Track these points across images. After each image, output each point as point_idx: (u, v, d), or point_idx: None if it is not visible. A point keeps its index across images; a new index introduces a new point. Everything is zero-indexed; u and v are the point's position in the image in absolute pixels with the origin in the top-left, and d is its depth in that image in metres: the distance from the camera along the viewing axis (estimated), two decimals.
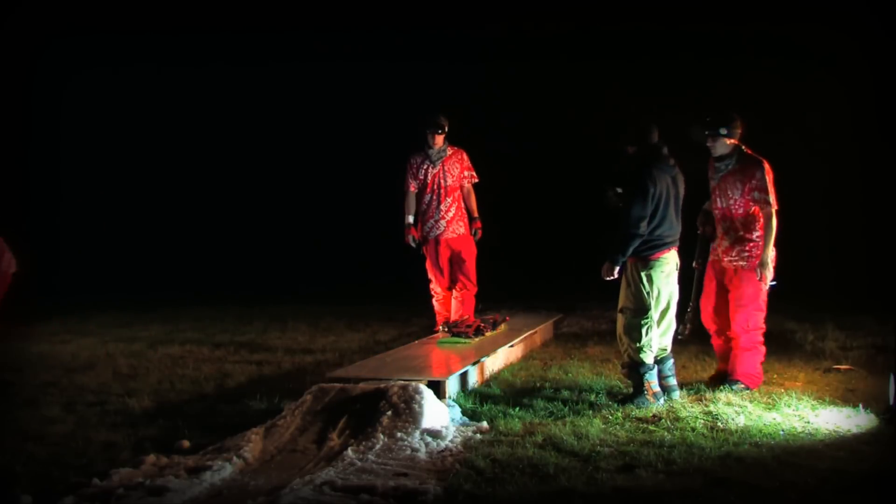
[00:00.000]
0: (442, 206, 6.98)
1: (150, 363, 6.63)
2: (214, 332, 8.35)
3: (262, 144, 14.13)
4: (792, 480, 3.44)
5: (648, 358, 4.85)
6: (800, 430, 4.23)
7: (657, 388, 4.84)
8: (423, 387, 4.54)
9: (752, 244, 5.13)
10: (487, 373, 5.75)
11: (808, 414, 4.52)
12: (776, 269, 5.16)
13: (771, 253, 5.08)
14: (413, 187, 7.06)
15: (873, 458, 3.75)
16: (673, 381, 4.99)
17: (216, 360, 6.74)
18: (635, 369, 4.85)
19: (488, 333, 6.42)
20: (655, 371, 4.88)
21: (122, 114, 13.70)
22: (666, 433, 4.19)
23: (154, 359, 6.83)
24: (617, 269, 4.82)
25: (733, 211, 5.17)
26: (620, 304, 4.95)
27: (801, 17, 9.85)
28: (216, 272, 12.77)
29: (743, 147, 5.20)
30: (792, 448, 3.91)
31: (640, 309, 4.84)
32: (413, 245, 7.11)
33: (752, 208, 5.12)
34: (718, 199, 5.24)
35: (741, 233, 5.16)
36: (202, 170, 13.81)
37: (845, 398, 4.86)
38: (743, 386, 5.11)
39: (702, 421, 4.41)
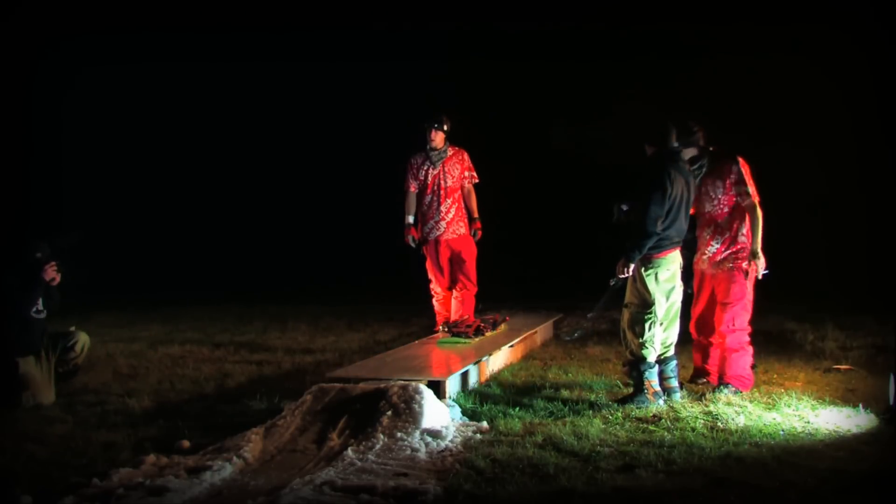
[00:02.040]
0: (442, 208, 6.98)
1: (150, 363, 6.63)
2: (214, 332, 8.36)
3: (263, 144, 14.14)
4: (792, 480, 3.44)
5: (651, 355, 4.86)
6: (800, 430, 4.22)
7: (657, 388, 4.84)
8: (423, 387, 4.54)
9: (741, 244, 5.13)
10: (487, 373, 5.75)
11: (808, 414, 4.52)
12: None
13: (759, 244, 5.07)
14: (413, 187, 7.06)
15: (873, 458, 3.75)
16: (675, 383, 4.98)
17: (216, 360, 6.74)
18: (636, 366, 4.86)
19: (488, 333, 6.42)
20: (656, 369, 4.88)
21: (123, 114, 13.71)
22: (666, 433, 4.19)
23: (154, 359, 6.83)
24: (632, 266, 4.83)
25: (719, 211, 5.17)
26: (626, 299, 4.98)
27: (801, 18, 9.86)
28: (217, 272, 12.78)
29: (710, 148, 5.21)
30: (792, 448, 3.91)
31: (645, 304, 4.86)
32: (413, 245, 7.12)
33: (736, 203, 5.14)
34: (700, 205, 5.25)
35: (729, 234, 5.16)
36: (203, 169, 13.82)
37: (845, 398, 4.86)
38: (734, 389, 5.05)
39: (702, 421, 4.41)
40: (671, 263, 4.92)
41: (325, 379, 4.93)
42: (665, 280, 4.89)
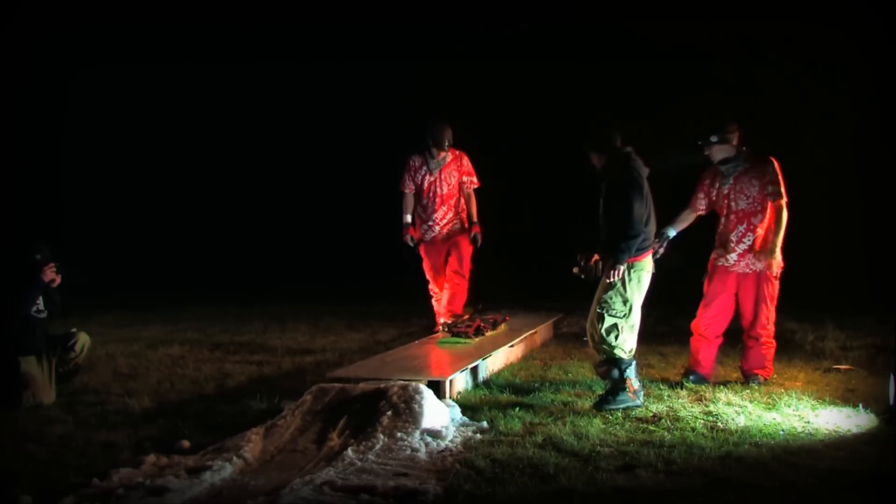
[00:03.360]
0: (436, 215, 7.02)
1: (150, 363, 6.63)
2: (214, 332, 8.36)
3: (263, 144, 14.13)
4: (792, 480, 3.44)
5: (626, 355, 4.79)
6: (800, 430, 4.23)
7: (637, 386, 4.77)
8: (423, 387, 4.54)
9: (771, 243, 5.27)
10: (487, 373, 5.75)
11: (808, 414, 4.52)
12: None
13: (779, 244, 5.22)
14: (410, 189, 7.07)
15: (873, 458, 3.75)
16: (637, 384, 4.85)
17: (216, 360, 6.74)
18: (615, 366, 4.76)
19: (488, 333, 6.42)
20: (634, 365, 4.81)
21: (122, 113, 13.71)
22: (666, 433, 4.19)
23: (154, 359, 6.83)
24: (622, 268, 4.71)
25: (753, 208, 5.29)
26: (600, 305, 4.81)
27: (801, 18, 9.85)
28: (217, 272, 12.78)
29: (744, 147, 5.32)
30: (792, 448, 3.91)
31: (623, 310, 4.77)
32: (411, 244, 7.13)
33: (767, 203, 5.26)
34: (734, 202, 5.34)
35: (760, 233, 5.29)
36: (202, 169, 13.82)
37: (845, 398, 4.86)
38: (763, 378, 5.31)
39: (702, 421, 4.41)
40: (649, 265, 4.88)
41: (325, 379, 4.94)
42: (646, 282, 4.85)
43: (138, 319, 9.31)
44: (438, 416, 4.36)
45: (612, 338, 4.78)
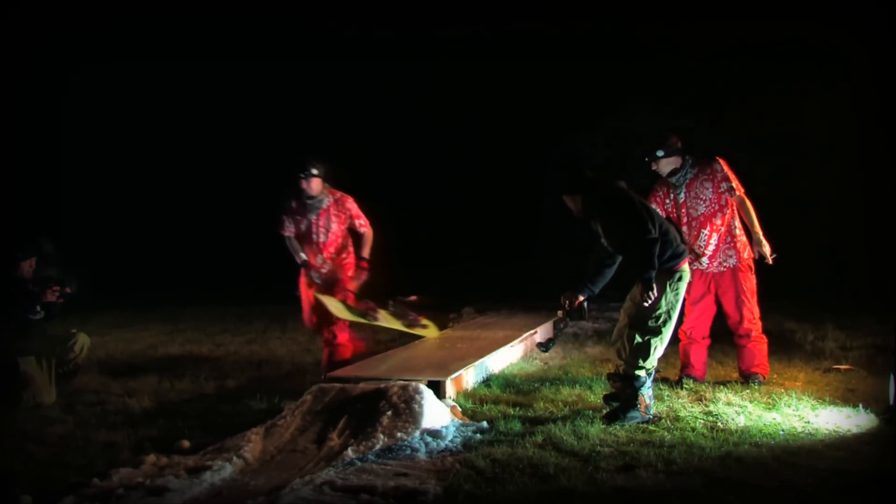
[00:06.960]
0: (317, 259, 6.24)
1: (150, 363, 6.64)
2: (214, 332, 8.36)
3: (262, 143, 14.14)
4: (792, 480, 3.44)
5: (646, 374, 4.56)
6: (800, 430, 4.22)
7: (649, 401, 4.54)
8: (423, 387, 4.54)
9: (736, 240, 5.36)
10: (487, 373, 5.75)
11: (808, 414, 4.52)
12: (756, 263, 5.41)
13: (760, 231, 5.29)
14: (290, 231, 6.23)
15: (873, 458, 3.74)
16: (649, 399, 4.63)
17: (216, 360, 6.74)
18: (630, 383, 4.51)
19: (378, 322, 6.26)
20: (650, 380, 4.57)
21: (122, 113, 13.72)
22: (666, 433, 4.18)
23: (154, 359, 6.84)
24: (656, 287, 4.39)
25: (713, 210, 5.33)
26: (631, 321, 4.53)
27: (802, 18, 9.86)
28: (216, 272, 12.79)
29: (688, 157, 5.38)
30: (792, 448, 3.91)
31: (656, 327, 4.48)
32: (317, 282, 6.26)
33: (725, 200, 5.33)
34: (692, 210, 5.38)
35: (725, 229, 5.35)
36: (203, 169, 13.83)
37: (845, 398, 4.85)
38: (762, 377, 5.30)
39: (702, 421, 4.41)
40: (687, 275, 4.63)
41: (325, 379, 4.94)
42: (682, 294, 4.59)
43: (138, 319, 9.32)
44: (438, 416, 4.36)
45: (639, 359, 4.50)
